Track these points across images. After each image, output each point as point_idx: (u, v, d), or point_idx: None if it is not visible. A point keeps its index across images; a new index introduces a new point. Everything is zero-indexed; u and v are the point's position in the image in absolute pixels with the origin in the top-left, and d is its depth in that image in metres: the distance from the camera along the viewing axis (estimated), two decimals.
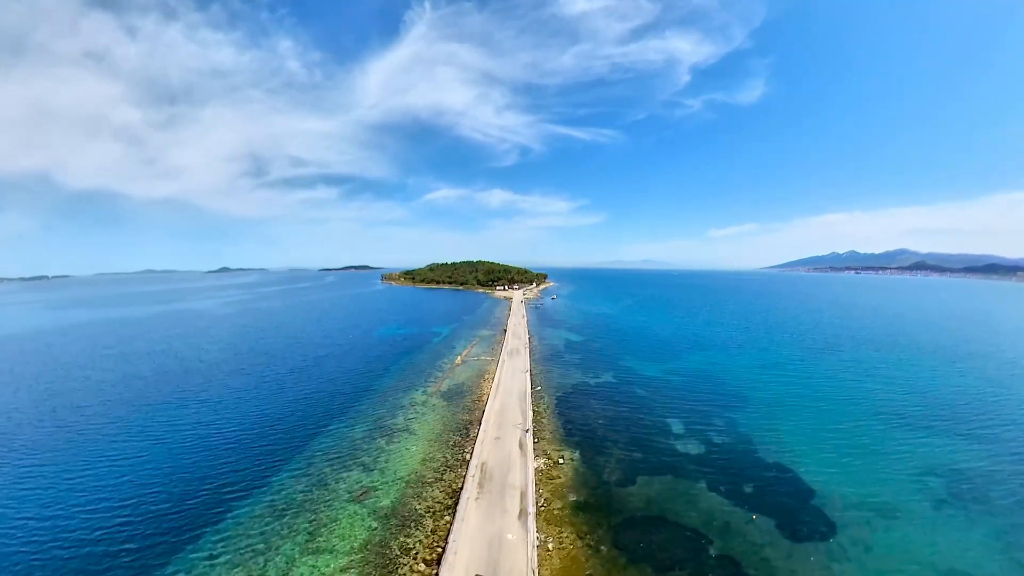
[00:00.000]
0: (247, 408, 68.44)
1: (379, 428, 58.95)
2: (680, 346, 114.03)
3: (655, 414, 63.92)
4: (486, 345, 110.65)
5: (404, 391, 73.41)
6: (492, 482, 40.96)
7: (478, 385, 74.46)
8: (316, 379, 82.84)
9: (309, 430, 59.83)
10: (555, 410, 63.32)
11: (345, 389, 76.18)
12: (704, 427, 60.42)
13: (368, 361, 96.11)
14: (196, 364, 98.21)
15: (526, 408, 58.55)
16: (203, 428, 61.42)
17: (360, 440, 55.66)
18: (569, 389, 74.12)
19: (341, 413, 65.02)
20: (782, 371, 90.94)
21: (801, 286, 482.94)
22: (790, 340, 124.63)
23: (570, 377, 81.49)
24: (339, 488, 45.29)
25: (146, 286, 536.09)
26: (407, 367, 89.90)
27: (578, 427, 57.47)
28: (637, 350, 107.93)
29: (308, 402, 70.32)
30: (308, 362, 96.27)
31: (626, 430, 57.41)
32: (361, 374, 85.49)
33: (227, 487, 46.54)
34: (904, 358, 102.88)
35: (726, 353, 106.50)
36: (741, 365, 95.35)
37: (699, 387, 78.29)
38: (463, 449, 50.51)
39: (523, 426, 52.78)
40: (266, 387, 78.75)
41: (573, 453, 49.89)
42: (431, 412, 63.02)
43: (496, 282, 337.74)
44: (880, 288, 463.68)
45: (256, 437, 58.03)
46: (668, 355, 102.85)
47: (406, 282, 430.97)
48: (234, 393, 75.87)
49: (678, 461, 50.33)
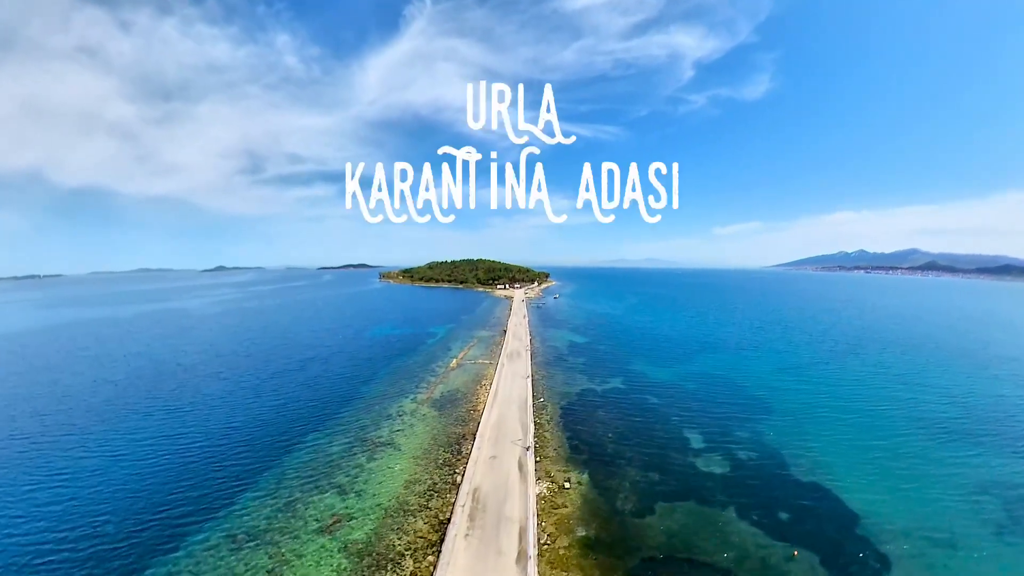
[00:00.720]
0: (217, 418, 62.74)
1: (360, 442, 53.12)
2: (691, 348, 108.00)
3: (671, 426, 57.97)
4: (484, 347, 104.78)
5: (392, 398, 67.54)
6: (485, 513, 35.07)
7: (474, 392, 68.52)
8: (297, 385, 77.07)
9: (282, 444, 54.11)
10: (559, 422, 57.29)
11: (328, 396, 70.40)
12: (726, 441, 54.52)
13: (356, 364, 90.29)
14: (171, 368, 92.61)
15: (527, 421, 52.56)
16: (166, 442, 55.74)
17: (338, 456, 49.87)
18: (574, 397, 68.15)
19: (320, 424, 59.23)
20: (805, 375, 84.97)
21: (811, 285, 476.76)
22: (809, 342, 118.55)
23: (575, 383, 75.52)
24: (308, 515, 39.59)
25: (138, 285, 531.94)
26: (398, 371, 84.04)
27: (586, 442, 51.46)
28: (646, 352, 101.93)
29: (285, 411, 64.56)
30: (291, 366, 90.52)
31: (640, 445, 51.44)
32: (347, 379, 79.69)
33: (182, 513, 40.96)
34: (934, 362, 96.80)
35: (742, 355, 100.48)
36: (759, 369, 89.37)
37: (716, 393, 72.32)
38: (454, 470, 44.60)
39: (523, 443, 46.84)
40: (241, 394, 73.03)
41: (581, 475, 43.94)
42: (420, 424, 57.12)
43: (496, 281, 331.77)
44: (893, 288, 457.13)
45: (223, 452, 52.37)
46: (679, 358, 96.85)
47: (404, 280, 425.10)
48: (206, 400, 70.20)
49: (701, 483, 44.43)
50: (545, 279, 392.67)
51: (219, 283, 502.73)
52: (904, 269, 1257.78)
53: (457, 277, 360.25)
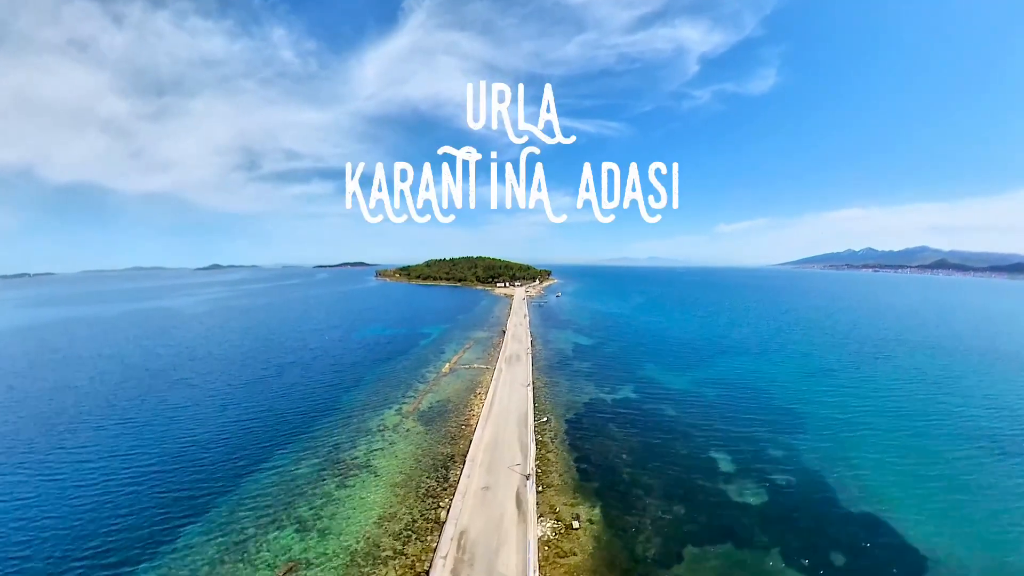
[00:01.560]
0: (176, 433, 55.96)
1: (332, 464, 46.24)
2: (707, 350, 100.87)
3: (693, 444, 50.96)
4: (481, 350, 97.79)
5: (374, 410, 60.58)
6: (473, 567, 28.12)
7: (466, 403, 61.50)
8: (271, 393, 70.20)
9: (243, 465, 47.35)
10: (565, 440, 50.19)
11: (302, 407, 63.50)
12: (759, 462, 47.59)
13: (339, 370, 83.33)
14: (139, 372, 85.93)
15: (527, 440, 45.47)
16: (113, 463, 49.06)
17: (304, 482, 43.04)
18: (581, 408, 61.05)
19: (289, 440, 52.37)
20: (834, 381, 77.99)
21: (821, 284, 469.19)
22: (831, 344, 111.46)
23: (582, 392, 68.45)
24: (259, 559, 32.97)
25: (128, 283, 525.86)
26: (383, 377, 77.04)
27: (597, 466, 44.42)
28: (658, 356, 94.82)
29: (253, 424, 57.72)
30: (268, 371, 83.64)
31: (660, 470, 44.44)
32: (327, 387, 72.76)
33: (115, 553, 34.44)
34: (968, 367, 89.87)
35: (763, 359, 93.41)
36: (784, 374, 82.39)
37: (741, 404, 65.30)
38: (438, 502, 37.64)
39: (522, 469, 39.82)
40: (208, 404, 66.19)
41: (592, 509, 36.94)
42: (402, 442, 50.15)
43: (496, 279, 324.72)
44: (905, 287, 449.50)
45: (175, 475, 45.72)
46: (695, 362, 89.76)
47: (401, 279, 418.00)
48: (167, 411, 63.43)
49: (736, 519, 37.50)
50: (547, 277, 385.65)
51: (211, 282, 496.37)
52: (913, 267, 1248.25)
53: (455, 275, 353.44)
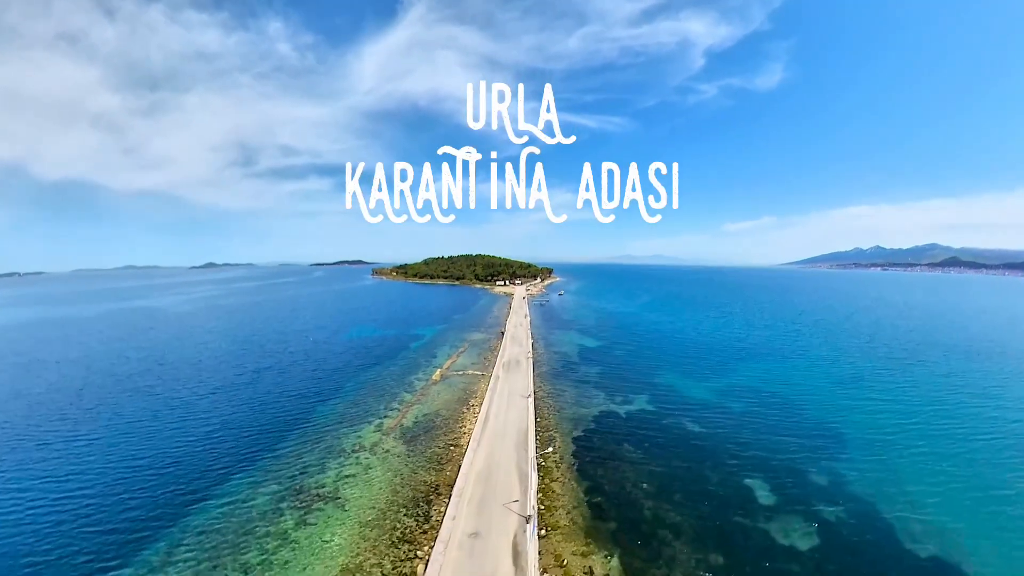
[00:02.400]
0: (124, 452, 49.19)
1: (295, 493, 39.31)
2: (726, 354, 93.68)
3: (724, 469, 43.91)
4: (477, 353, 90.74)
5: (351, 425, 53.58)
6: None
7: (457, 418, 54.41)
8: (239, 404, 63.29)
9: (193, 491, 40.57)
10: (573, 466, 43.03)
11: (271, 421, 56.57)
12: (802, 492, 40.63)
13: (319, 376, 76.33)
14: (101, 379, 79.20)
15: (527, 468, 38.37)
16: (49, 487, 42.63)
17: (259, 516, 36.14)
18: (590, 424, 53.90)
19: (250, 462, 45.48)
20: (870, 391, 70.88)
21: (832, 283, 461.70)
22: (858, 347, 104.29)
23: (590, 403, 61.28)
24: None
25: (118, 282, 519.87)
26: (366, 385, 70.04)
27: (612, 500, 37.30)
28: (673, 360, 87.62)
29: (211, 442, 50.81)
30: (241, 378, 76.74)
31: (688, 503, 37.38)
32: (302, 396, 65.80)
33: None
34: (1009, 372, 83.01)
35: (788, 364, 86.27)
36: (812, 381, 75.38)
37: (771, 418, 58.23)
38: (415, 550, 30.62)
39: (520, 508, 32.74)
40: (167, 416, 59.31)
41: (608, 560, 29.88)
42: (379, 466, 43.12)
43: (496, 276, 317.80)
44: (919, 286, 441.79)
45: (114, 504, 39.35)
46: (714, 367, 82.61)
47: (398, 277, 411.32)
48: (120, 425, 56.64)
49: (785, 568, 30.55)
50: (548, 275, 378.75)
51: (202, 280, 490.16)
52: (923, 265, 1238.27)
53: (454, 273, 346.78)
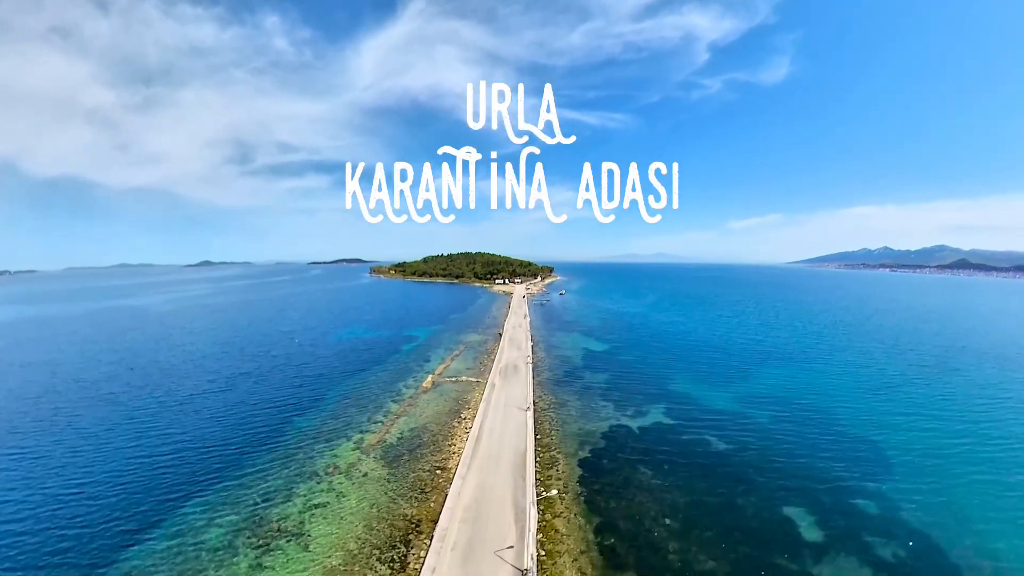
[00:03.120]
0: (72, 471, 43.85)
1: (254, 525, 33.61)
2: (744, 358, 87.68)
3: (757, 495, 38.08)
4: (472, 357, 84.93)
5: (327, 441, 47.82)
6: None
7: (447, 434, 48.57)
8: (207, 415, 57.59)
9: (136, 523, 35.11)
10: (580, 496, 37.13)
11: (239, 435, 50.83)
12: (850, 523, 35.08)
13: (299, 383, 70.56)
14: (65, 385, 73.64)
15: (524, 500, 32.53)
16: None
17: (208, 555, 30.58)
18: (599, 442, 48.01)
19: (207, 486, 39.79)
20: (905, 401, 65.03)
21: (842, 283, 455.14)
22: (882, 351, 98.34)
23: (597, 416, 55.39)
24: None
25: (109, 280, 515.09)
26: (350, 394, 64.30)
27: (628, 541, 31.42)
28: (687, 365, 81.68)
29: (168, 460, 45.16)
30: (216, 384, 71.06)
31: (721, 543, 31.53)
32: (278, 406, 60.06)
33: None
34: None
35: (813, 369, 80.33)
36: (842, 389, 69.57)
37: (804, 432, 52.38)
38: None
39: (516, 558, 26.89)
40: (123, 429, 53.66)
41: None
42: (354, 494, 37.31)
43: (495, 275, 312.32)
44: (932, 288, 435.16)
45: (45, 539, 33.61)
46: (733, 373, 76.72)
47: (396, 275, 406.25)
48: (72, 439, 51.16)
49: None
50: (549, 274, 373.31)
51: (195, 279, 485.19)
52: (932, 267, 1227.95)
53: (453, 271, 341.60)
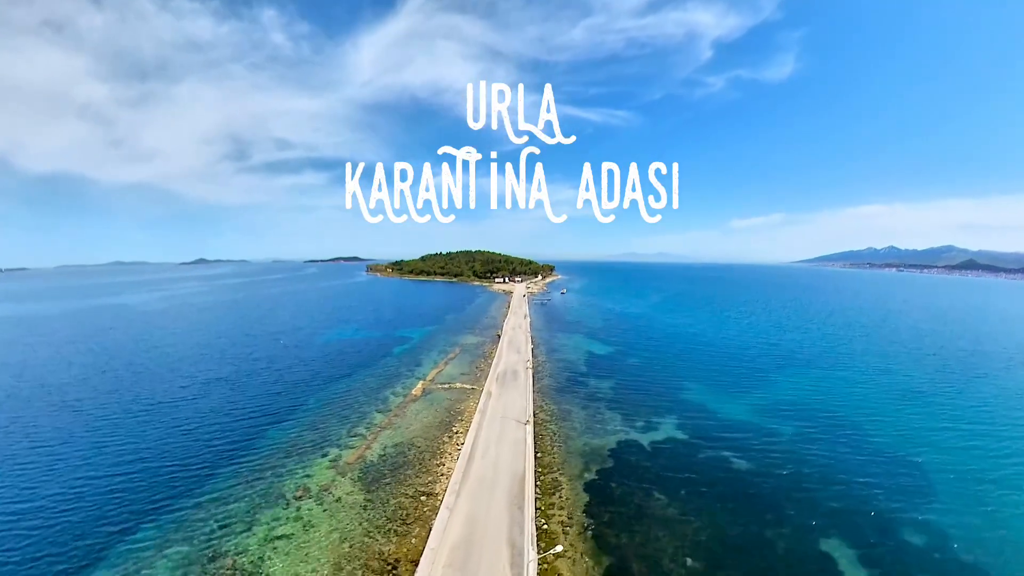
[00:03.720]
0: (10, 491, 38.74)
1: (205, 561, 28.84)
2: (760, 363, 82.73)
3: (790, 526, 33.26)
4: (468, 361, 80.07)
5: (300, 458, 42.97)
6: None
7: (435, 451, 43.66)
8: (174, 425, 52.76)
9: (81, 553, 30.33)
10: (586, 528, 32.19)
11: (204, 449, 46.00)
12: (897, 558, 30.59)
13: (278, 390, 65.65)
14: (29, 390, 69.04)
15: (522, 539, 27.67)
16: None
17: None
18: (607, 461, 43.02)
19: (161, 511, 35.01)
20: (938, 412, 60.11)
21: (851, 283, 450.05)
22: (905, 355, 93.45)
23: (604, 430, 50.45)
24: None
25: (100, 278, 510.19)
26: (332, 401, 59.46)
27: None
28: (699, 370, 76.72)
29: (120, 480, 40.34)
30: (189, 390, 66.24)
31: None
32: (251, 416, 55.19)
33: None
34: None
35: (834, 375, 75.44)
36: (868, 397, 64.75)
37: (832, 447, 47.53)
38: None
39: None
40: (79, 442, 48.87)
41: None
42: (323, 523, 32.46)
43: (495, 274, 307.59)
44: (941, 289, 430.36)
45: None
46: (749, 379, 71.83)
47: (393, 274, 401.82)
48: (22, 452, 46.57)
49: None
50: (550, 272, 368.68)
51: (187, 277, 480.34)
52: (940, 267, 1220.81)
53: (451, 270, 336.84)
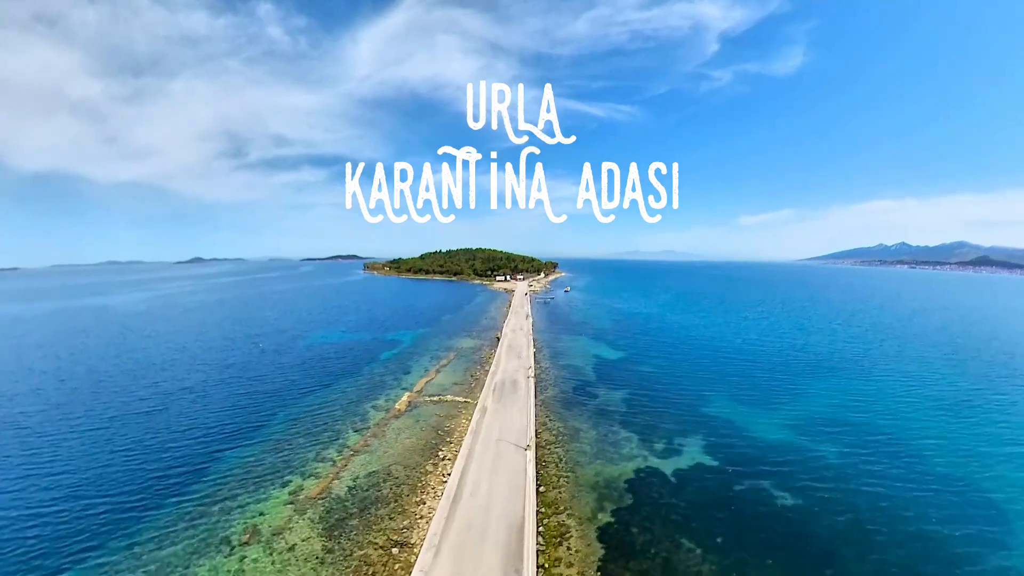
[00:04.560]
0: None
1: None
2: (788, 370, 75.57)
3: None
4: (463, 368, 73.48)
5: (255, 489, 36.41)
6: None
7: (414, 486, 36.90)
8: (122, 446, 46.31)
9: None
10: None
11: (147, 476, 39.51)
12: None
13: (245, 403, 58.97)
14: None
15: None
16: None
17: None
18: (623, 496, 36.14)
19: (81, 556, 28.53)
20: (999, 427, 53.30)
21: (864, 281, 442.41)
22: (943, 359, 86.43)
23: (619, 453, 43.58)
24: None
25: (90, 277, 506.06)
26: (304, 417, 52.85)
27: None
28: (720, 378, 69.70)
29: (50, 516, 33.89)
30: (148, 402, 59.82)
31: None
32: (210, 434, 48.61)
33: None
34: None
35: (872, 383, 68.46)
36: (916, 409, 57.92)
37: (889, 473, 40.80)
38: None
39: None
40: (11, 468, 42.46)
41: None
42: None
43: (496, 271, 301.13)
44: (959, 286, 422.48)
45: None
46: (779, 389, 64.88)
47: (391, 272, 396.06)
48: None
49: None
50: (553, 270, 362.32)
51: (179, 276, 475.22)
52: (952, 264, 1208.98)
53: (451, 268, 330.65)
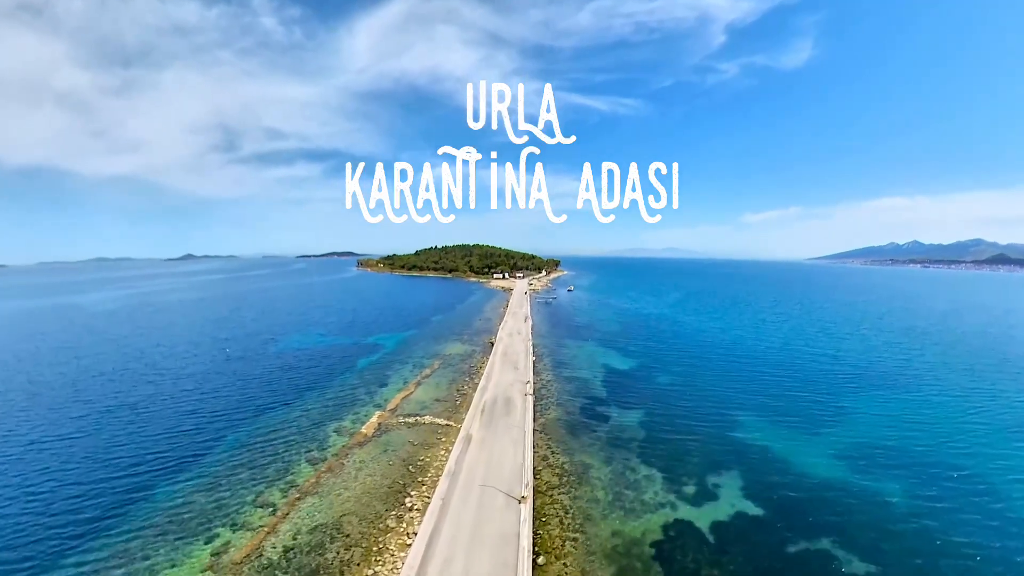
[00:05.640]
0: None
1: None
2: (826, 384, 66.69)
3: None
4: (447, 380, 65.41)
5: (172, 543, 28.38)
6: None
7: (368, 550, 28.47)
8: (34, 481, 38.26)
9: None
10: None
11: (49, 529, 31.53)
12: None
13: (190, 424, 50.63)
14: None
15: None
16: None
17: None
18: (651, 569, 27.92)
19: None
20: None
21: (878, 281, 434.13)
22: (994, 369, 78.21)
23: (640, 500, 35.18)
24: None
25: (73, 275, 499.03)
26: (252, 443, 44.65)
27: None
28: (749, 394, 61.04)
29: None
30: (80, 423, 51.75)
31: None
32: (138, 464, 40.40)
33: None
34: None
35: (924, 401, 60.04)
36: (985, 435, 49.72)
37: (975, 524, 32.79)
38: None
39: None
40: None
41: None
42: None
43: (494, 269, 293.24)
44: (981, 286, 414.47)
45: None
46: (819, 407, 56.62)
47: (384, 269, 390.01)
48: None
49: None
50: (554, 268, 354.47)
51: (164, 273, 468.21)
52: (968, 263, 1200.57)
53: (446, 265, 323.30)
